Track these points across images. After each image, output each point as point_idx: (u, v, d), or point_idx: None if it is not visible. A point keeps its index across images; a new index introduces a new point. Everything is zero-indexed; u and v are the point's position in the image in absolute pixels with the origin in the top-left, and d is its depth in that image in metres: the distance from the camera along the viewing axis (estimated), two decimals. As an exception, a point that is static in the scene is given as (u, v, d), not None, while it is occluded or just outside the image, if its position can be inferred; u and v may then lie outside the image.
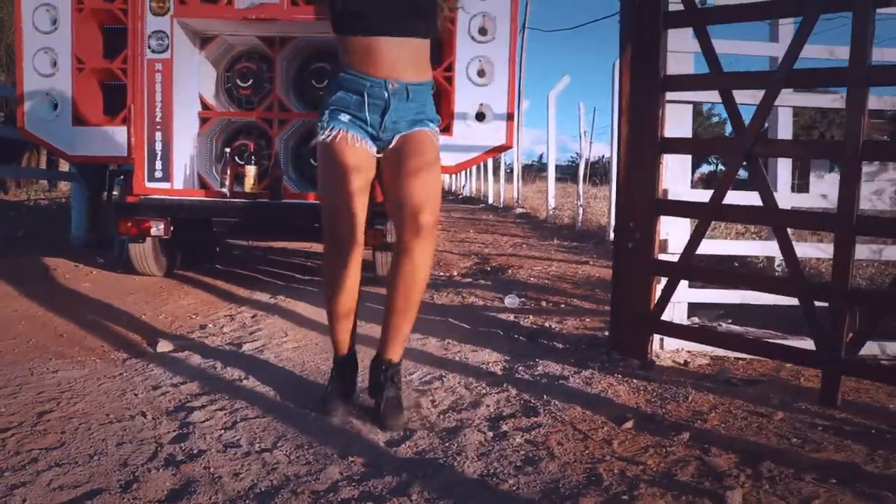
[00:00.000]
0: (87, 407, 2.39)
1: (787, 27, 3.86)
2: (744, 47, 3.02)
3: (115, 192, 5.88)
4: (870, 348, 2.95)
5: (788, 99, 3.26)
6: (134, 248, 4.48)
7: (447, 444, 2.10)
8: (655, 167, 2.67)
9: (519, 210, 14.11)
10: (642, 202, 2.71)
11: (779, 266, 4.50)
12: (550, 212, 11.45)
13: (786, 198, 3.55)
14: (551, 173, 11.80)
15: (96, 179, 6.00)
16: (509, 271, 5.42)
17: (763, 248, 3.64)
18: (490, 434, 2.19)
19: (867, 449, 2.06)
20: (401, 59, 2.24)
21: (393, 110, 2.25)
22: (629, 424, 2.25)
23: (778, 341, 2.64)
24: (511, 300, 4.19)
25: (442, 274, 5.38)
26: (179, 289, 4.45)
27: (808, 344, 2.47)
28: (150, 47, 4.18)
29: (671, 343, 2.98)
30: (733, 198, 2.93)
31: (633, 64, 2.68)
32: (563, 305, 4.23)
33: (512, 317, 3.84)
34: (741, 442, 2.11)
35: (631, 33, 2.68)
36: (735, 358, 2.93)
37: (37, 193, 10.97)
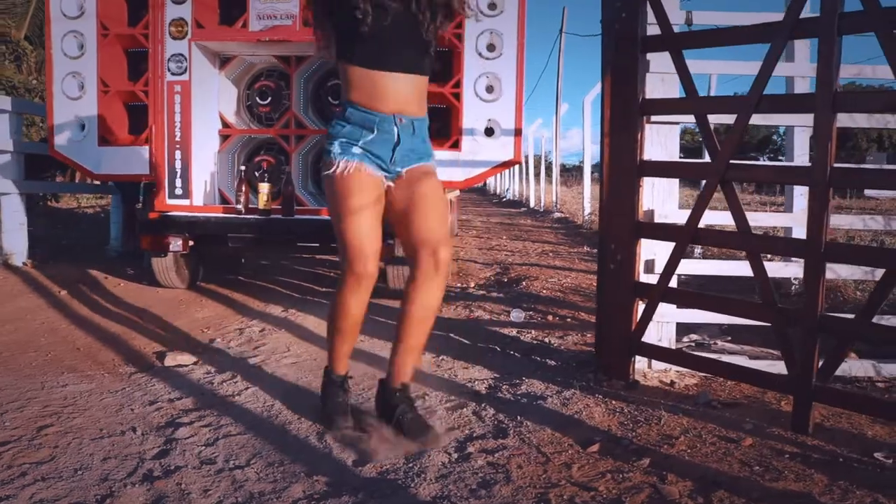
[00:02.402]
0: (85, 422, 2.54)
1: (804, 49, 3.81)
2: (731, 67, 3.00)
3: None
4: (865, 370, 2.92)
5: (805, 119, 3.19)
6: (156, 262, 4.68)
7: (410, 465, 2.17)
8: (635, 190, 2.69)
9: (557, 215, 14.08)
10: (623, 224, 2.73)
11: (795, 280, 4.44)
12: (586, 217, 11.40)
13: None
14: (587, 179, 11.75)
15: (131, 192, 6.24)
16: (524, 283, 5.46)
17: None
18: (455, 456, 2.25)
19: (828, 479, 2.04)
20: (407, 94, 2.34)
21: (402, 144, 2.35)
22: (594, 448, 2.28)
23: (750, 365, 2.63)
24: (517, 314, 4.24)
25: (459, 285, 5.45)
26: (198, 301, 4.63)
27: (783, 368, 2.45)
28: (169, 70, 4.37)
29: (659, 363, 2.99)
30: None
31: (613, 87, 2.71)
32: (569, 319, 4.25)
33: (514, 332, 3.89)
34: (701, 469, 2.12)
35: (611, 57, 2.71)
36: (724, 378, 2.92)
37: (87, 201, 11.44)
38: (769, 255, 4.29)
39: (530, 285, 5.36)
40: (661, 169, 2.68)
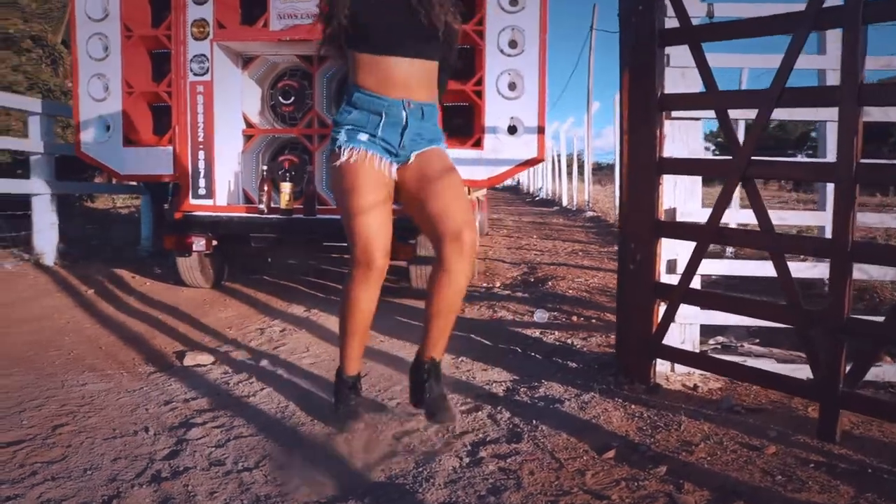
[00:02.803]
0: (99, 421, 2.55)
1: (836, 41, 3.65)
2: (757, 61, 2.88)
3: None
4: (901, 374, 2.79)
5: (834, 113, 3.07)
6: (181, 262, 4.72)
7: (420, 470, 2.13)
8: (654, 187, 2.60)
9: (589, 213, 13.91)
10: (642, 223, 2.65)
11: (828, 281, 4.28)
12: (617, 216, 11.24)
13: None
14: (618, 176, 11.57)
15: (160, 192, 6.30)
16: (550, 282, 5.37)
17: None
18: (466, 460, 2.20)
19: (855, 490, 1.95)
20: (414, 79, 2.33)
21: (410, 128, 2.33)
22: (610, 454, 2.21)
23: (775, 369, 2.52)
24: (540, 315, 4.17)
25: (484, 285, 5.39)
26: (222, 301, 4.65)
27: (810, 373, 2.35)
28: (191, 70, 4.39)
29: (683, 366, 2.90)
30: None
31: (631, 83, 2.63)
32: (594, 320, 4.16)
33: (537, 332, 3.82)
34: (721, 478, 2.04)
35: (628, 51, 2.63)
36: (747, 382, 2.82)
37: (123, 201, 11.61)
38: (800, 256, 4.16)
39: (556, 285, 5.28)
40: (681, 166, 2.59)
